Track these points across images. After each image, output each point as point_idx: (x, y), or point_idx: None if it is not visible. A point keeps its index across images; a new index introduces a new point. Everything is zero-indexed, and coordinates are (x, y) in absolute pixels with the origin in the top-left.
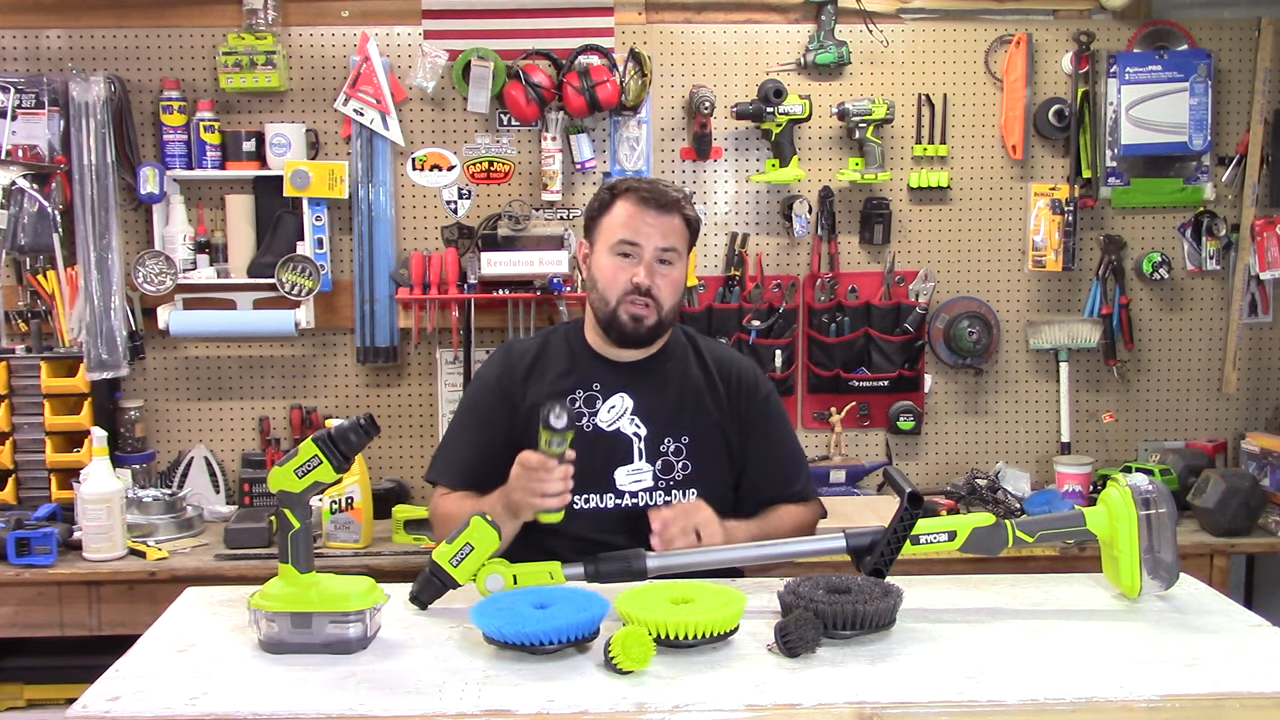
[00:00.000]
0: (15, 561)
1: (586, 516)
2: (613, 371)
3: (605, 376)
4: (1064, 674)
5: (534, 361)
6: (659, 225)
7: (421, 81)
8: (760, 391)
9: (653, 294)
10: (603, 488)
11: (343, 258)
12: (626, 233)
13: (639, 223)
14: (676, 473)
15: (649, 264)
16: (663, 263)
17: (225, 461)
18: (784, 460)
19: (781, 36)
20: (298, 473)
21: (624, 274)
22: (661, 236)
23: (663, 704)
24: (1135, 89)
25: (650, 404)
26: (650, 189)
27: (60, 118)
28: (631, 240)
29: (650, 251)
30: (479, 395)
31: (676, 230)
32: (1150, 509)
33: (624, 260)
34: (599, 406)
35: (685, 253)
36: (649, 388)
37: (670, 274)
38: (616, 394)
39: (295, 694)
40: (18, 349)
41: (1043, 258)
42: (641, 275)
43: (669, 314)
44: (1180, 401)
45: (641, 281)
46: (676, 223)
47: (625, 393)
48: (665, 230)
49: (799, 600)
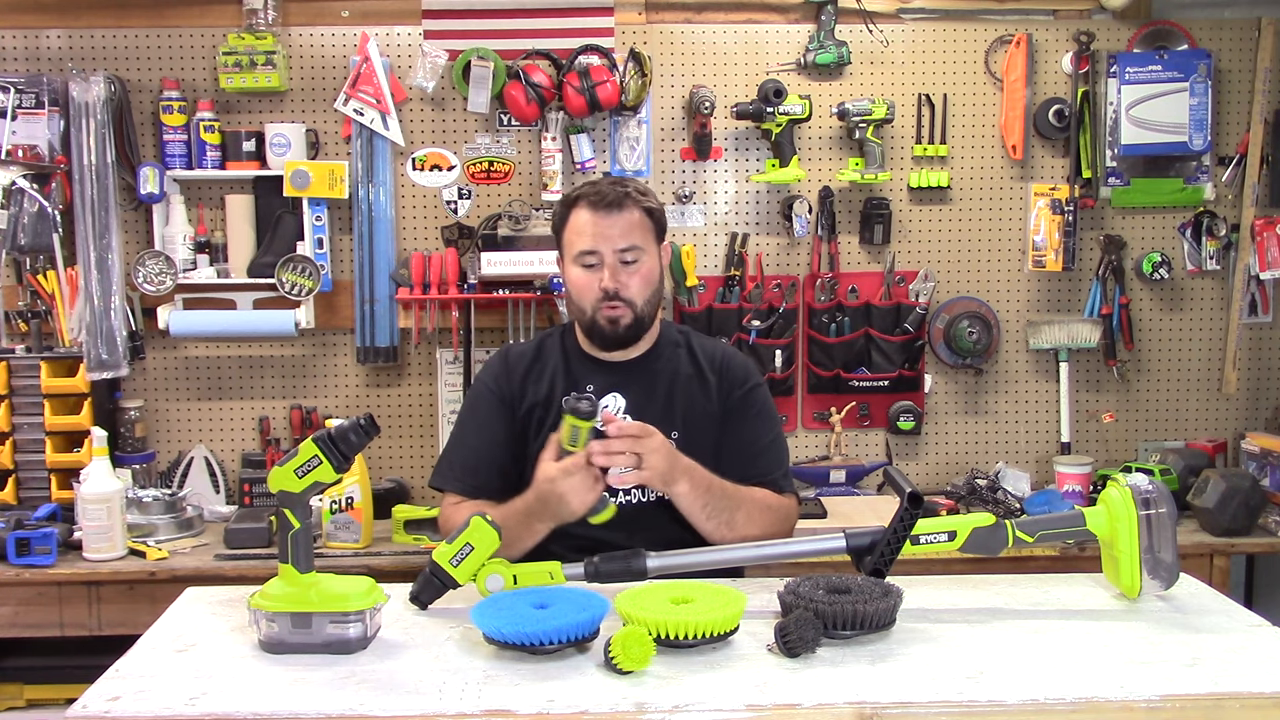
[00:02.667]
0: (15, 561)
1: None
2: (605, 372)
3: (598, 378)
4: (1064, 674)
5: (530, 365)
6: (614, 225)
7: (421, 81)
8: (748, 382)
9: (621, 295)
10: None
11: (343, 258)
12: (584, 241)
13: (594, 229)
14: None
15: (612, 267)
16: (627, 262)
17: (225, 461)
18: (764, 449)
19: (781, 36)
20: (298, 473)
21: (591, 282)
22: (620, 235)
23: (663, 704)
24: (1135, 89)
25: (642, 402)
26: (598, 192)
27: (60, 118)
28: (590, 249)
29: (610, 255)
30: (479, 399)
31: (635, 225)
32: (1150, 509)
33: (589, 269)
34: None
35: (652, 244)
36: (641, 386)
37: (638, 270)
38: (609, 394)
39: (295, 694)
40: (18, 349)
41: (1043, 258)
42: (606, 279)
43: (645, 309)
44: (1180, 401)
45: (607, 286)
46: (634, 217)
47: (618, 392)
48: (622, 229)
49: (799, 600)
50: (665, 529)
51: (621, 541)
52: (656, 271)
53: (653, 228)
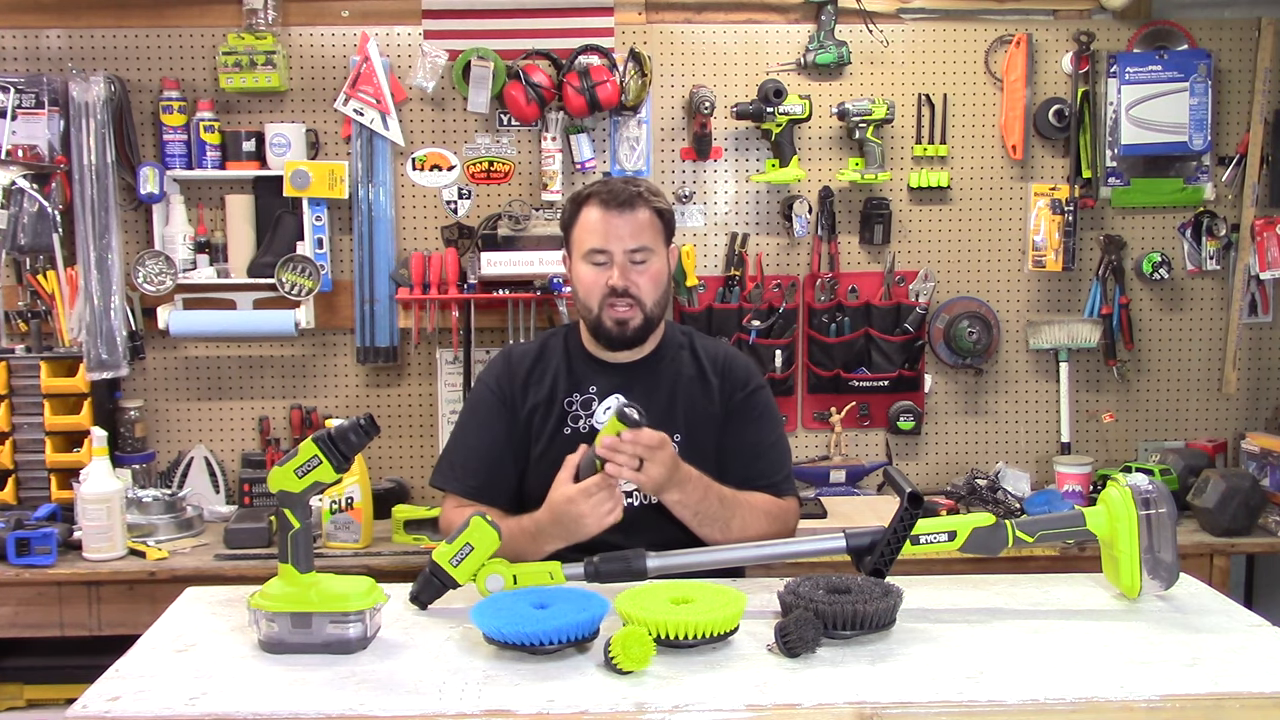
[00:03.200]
0: (15, 561)
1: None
2: (608, 373)
3: (600, 379)
4: (1064, 674)
5: (532, 366)
6: (625, 225)
7: (421, 81)
8: (750, 384)
9: (631, 293)
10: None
11: (343, 258)
12: (594, 240)
13: (605, 227)
14: None
15: (622, 265)
16: (636, 261)
17: (225, 461)
18: (764, 450)
19: (781, 36)
20: (298, 473)
21: (600, 280)
22: (630, 235)
23: (663, 704)
24: (1135, 89)
25: (645, 404)
26: (610, 190)
27: (60, 118)
28: (600, 247)
29: (620, 254)
30: (480, 400)
31: (645, 225)
32: (1150, 509)
33: (598, 267)
34: (595, 409)
35: (661, 245)
36: (643, 388)
37: (647, 270)
38: (612, 395)
39: (295, 694)
40: (18, 349)
41: (1043, 258)
42: (615, 277)
43: (654, 310)
44: (1180, 401)
45: (616, 283)
46: (644, 217)
47: (621, 394)
48: (633, 228)
49: (799, 600)
50: (664, 530)
51: (620, 543)
52: (665, 273)
53: (663, 229)
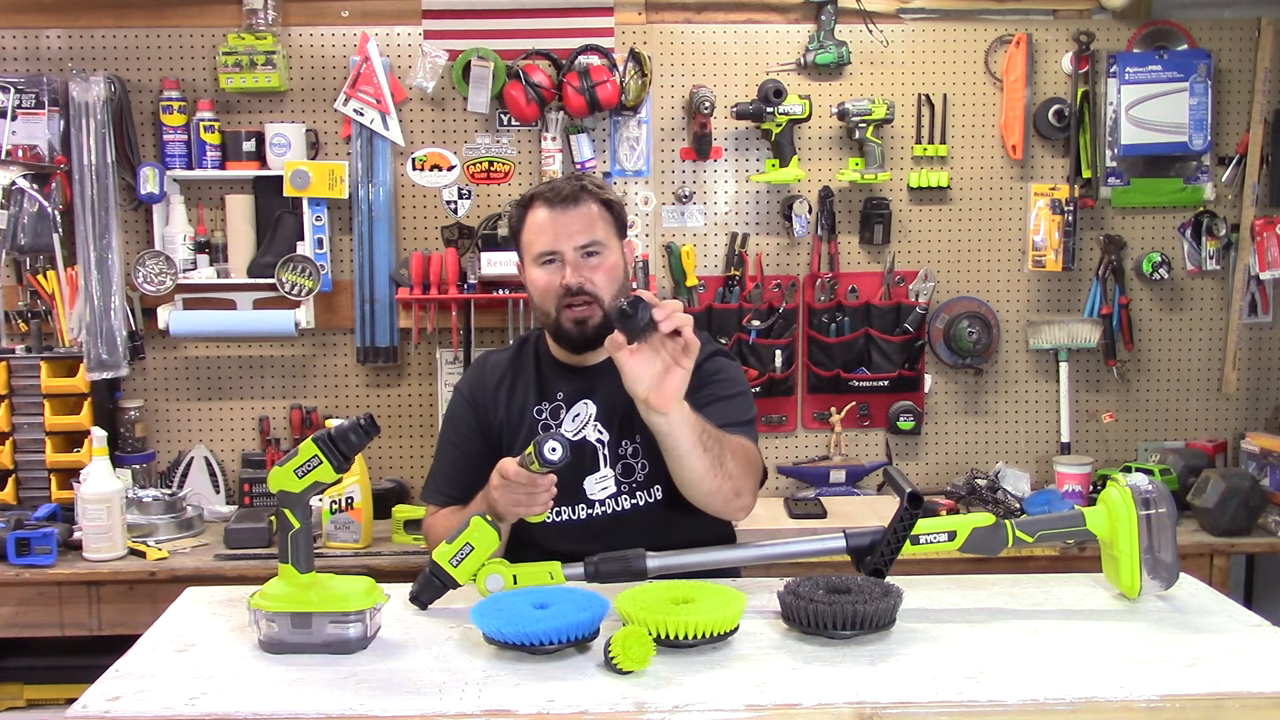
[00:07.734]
0: (15, 561)
1: (561, 529)
2: (574, 379)
3: (567, 385)
4: (1064, 674)
5: (504, 374)
6: (573, 221)
7: (421, 81)
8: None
9: (586, 290)
10: (574, 499)
11: (343, 258)
12: (543, 241)
13: (553, 226)
14: (638, 474)
15: (574, 263)
16: (589, 255)
17: (225, 461)
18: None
19: (781, 36)
20: (298, 473)
21: (553, 281)
22: (580, 231)
23: (663, 704)
24: (1135, 89)
25: (610, 407)
26: (553, 189)
27: (60, 118)
28: (549, 249)
29: (571, 252)
30: (454, 412)
31: (593, 219)
32: (1150, 509)
33: (549, 268)
34: (563, 417)
35: (614, 238)
36: (609, 391)
37: (601, 265)
38: (580, 401)
39: (295, 694)
40: (18, 349)
41: (1043, 258)
42: (569, 275)
43: (612, 305)
44: (1180, 401)
45: (570, 282)
46: (591, 211)
47: (588, 399)
48: (582, 223)
49: (799, 600)
50: (664, 532)
51: (599, 552)
52: (620, 267)
53: (612, 221)
